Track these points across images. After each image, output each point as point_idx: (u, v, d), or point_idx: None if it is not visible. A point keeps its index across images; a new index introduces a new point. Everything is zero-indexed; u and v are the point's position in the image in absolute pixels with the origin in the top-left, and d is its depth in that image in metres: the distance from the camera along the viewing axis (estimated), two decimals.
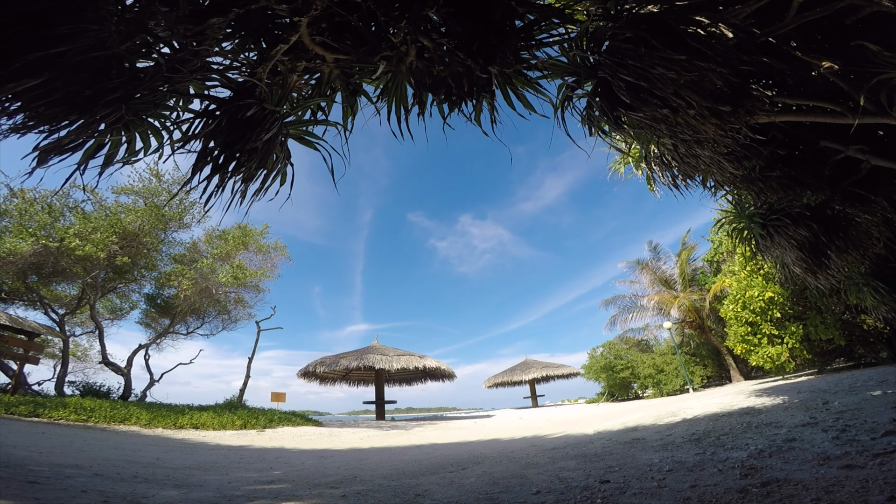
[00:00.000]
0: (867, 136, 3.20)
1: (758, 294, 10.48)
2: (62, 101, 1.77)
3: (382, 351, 17.75)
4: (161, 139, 2.31)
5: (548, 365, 24.31)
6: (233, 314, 17.82)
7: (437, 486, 2.88)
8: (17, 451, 3.92)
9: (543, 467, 3.28)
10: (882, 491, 1.73)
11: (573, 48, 2.49)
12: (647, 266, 20.69)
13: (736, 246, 9.98)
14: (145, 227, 13.59)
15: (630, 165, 5.17)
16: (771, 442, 3.07)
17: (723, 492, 2.01)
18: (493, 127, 2.62)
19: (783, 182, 3.80)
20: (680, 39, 2.12)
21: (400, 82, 2.57)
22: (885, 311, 5.75)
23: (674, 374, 17.06)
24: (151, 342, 16.54)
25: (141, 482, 3.04)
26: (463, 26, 2.10)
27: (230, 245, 15.49)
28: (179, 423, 8.48)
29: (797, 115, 3.09)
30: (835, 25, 2.53)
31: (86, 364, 19.11)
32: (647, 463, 2.96)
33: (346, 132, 2.69)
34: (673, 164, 3.43)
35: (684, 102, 2.23)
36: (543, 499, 2.28)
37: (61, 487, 2.51)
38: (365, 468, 4.17)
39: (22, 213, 11.80)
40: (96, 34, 1.68)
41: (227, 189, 2.33)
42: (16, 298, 13.80)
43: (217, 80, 2.29)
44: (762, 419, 4.23)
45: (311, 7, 1.95)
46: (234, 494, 2.73)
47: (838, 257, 3.98)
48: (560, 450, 4.27)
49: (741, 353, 11.26)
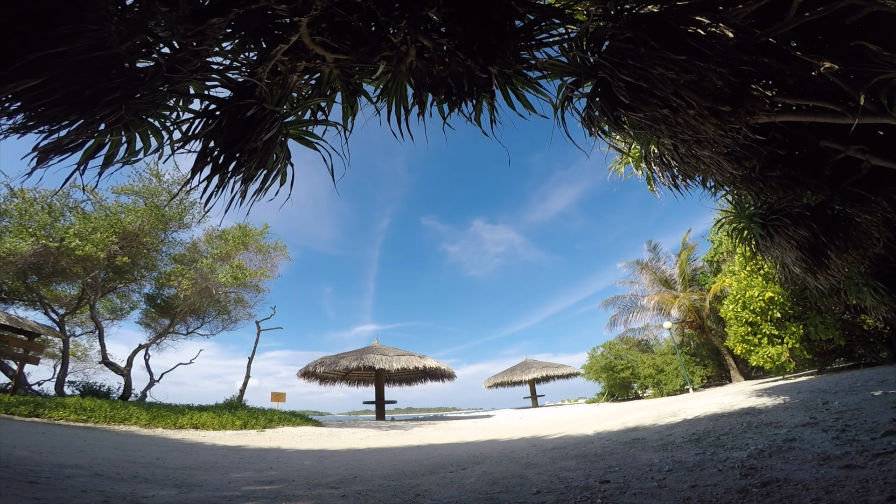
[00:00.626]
0: (867, 136, 3.20)
1: (758, 294, 10.48)
2: (62, 101, 1.77)
3: (382, 351, 17.75)
4: (161, 139, 2.31)
5: (548, 365, 24.30)
6: (233, 314, 17.83)
7: (437, 486, 2.88)
8: (17, 451, 3.92)
9: (543, 467, 3.28)
10: (882, 491, 1.73)
11: (573, 48, 2.49)
12: (647, 266, 20.71)
13: (736, 246, 9.97)
14: (145, 227, 13.59)
15: (630, 165, 5.17)
16: (771, 442, 3.07)
17: (723, 492, 2.01)
18: (492, 127, 2.61)
19: (783, 182, 3.80)
20: (680, 39, 2.12)
21: (400, 82, 2.57)
22: (885, 311, 5.74)
23: (674, 374, 17.06)
24: (151, 342, 16.54)
25: (141, 482, 3.04)
26: (463, 26, 2.10)
27: (230, 245, 15.50)
28: (179, 424, 8.48)
29: (797, 115, 3.09)
30: (835, 25, 2.53)
31: (86, 364, 19.14)
32: (647, 463, 2.96)
33: (346, 132, 2.69)
34: (673, 164, 3.43)
35: (684, 102, 2.23)
36: (543, 499, 2.28)
37: (61, 487, 2.51)
38: (365, 468, 4.17)
39: (22, 213, 11.80)
40: (96, 34, 1.68)
41: (227, 189, 2.33)
42: (16, 298, 13.80)
43: (217, 80, 2.29)
44: (762, 419, 4.23)
45: (311, 7, 1.95)
46: (233, 494, 2.73)
47: (838, 257, 3.98)
48: (560, 450, 4.27)
49: (741, 353, 11.26)
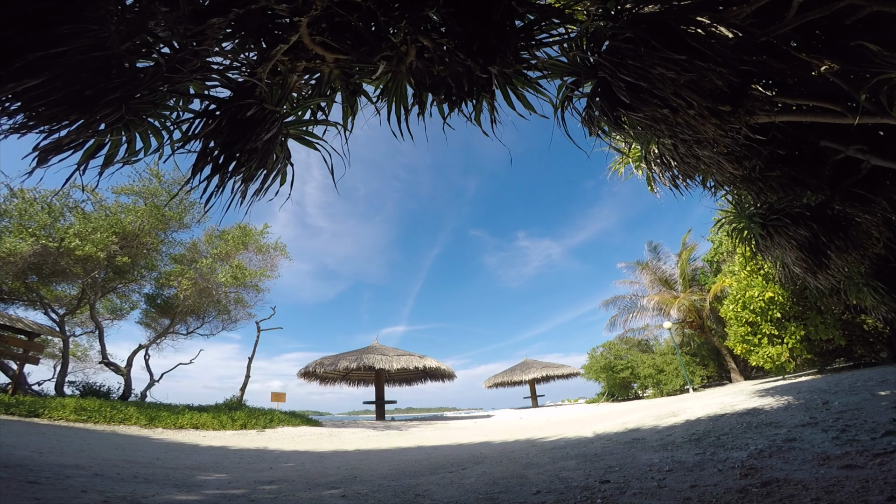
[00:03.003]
0: (867, 136, 3.20)
1: (758, 294, 10.47)
2: (62, 101, 1.77)
3: (382, 351, 17.74)
4: (161, 139, 2.31)
5: (548, 365, 24.29)
6: (233, 314, 17.81)
7: (437, 486, 2.88)
8: (17, 451, 3.91)
9: (543, 467, 3.28)
10: (882, 491, 1.73)
11: (573, 48, 2.49)
12: (647, 266, 20.71)
13: (736, 246, 9.95)
14: (145, 227, 13.57)
15: (630, 165, 5.18)
16: (771, 442, 3.07)
17: (723, 492, 2.01)
18: (492, 127, 2.61)
19: (783, 182, 3.80)
20: (680, 39, 2.12)
21: (400, 82, 2.57)
22: (885, 311, 5.74)
23: (674, 375, 17.05)
24: (151, 342, 16.52)
25: (141, 482, 3.04)
26: (463, 26, 2.10)
27: (230, 245, 15.48)
28: (179, 423, 8.48)
29: (797, 115, 3.09)
30: (835, 25, 2.53)
31: (86, 364, 19.10)
32: (647, 463, 2.96)
33: (346, 132, 2.69)
34: (673, 164, 3.43)
35: (684, 102, 2.23)
36: (543, 499, 2.28)
37: (61, 487, 2.51)
38: (365, 468, 4.17)
39: (22, 213, 11.78)
40: (96, 34, 1.68)
41: (227, 189, 2.33)
42: (16, 298, 13.78)
43: (217, 80, 2.29)
44: (762, 419, 4.23)
45: (311, 7, 1.95)
46: (234, 494, 2.73)
47: (838, 257, 3.97)
48: (560, 450, 4.27)
49: (741, 353, 11.26)
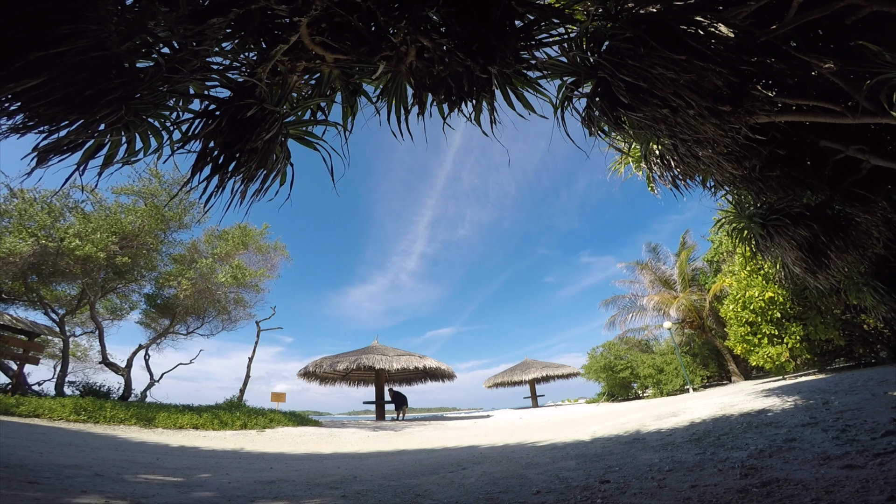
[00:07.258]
0: (867, 136, 3.20)
1: (758, 294, 10.48)
2: (62, 102, 1.77)
3: (382, 351, 17.74)
4: (161, 139, 2.31)
5: (547, 365, 24.28)
6: (233, 314, 17.81)
7: (437, 486, 2.88)
8: (17, 451, 3.91)
9: (543, 467, 3.28)
10: (882, 491, 1.73)
11: (573, 48, 2.49)
12: (647, 266, 20.72)
13: (736, 246, 9.96)
14: (145, 227, 13.57)
15: (630, 165, 5.18)
16: (771, 442, 3.07)
17: (723, 492, 2.01)
18: (492, 127, 2.61)
19: (783, 182, 3.80)
20: (679, 39, 2.12)
21: (400, 82, 2.56)
22: (885, 311, 5.74)
23: (674, 375, 17.05)
24: (151, 342, 16.51)
25: (141, 482, 3.04)
26: (463, 26, 2.10)
27: (230, 245, 15.48)
28: (179, 424, 8.47)
29: (797, 115, 3.09)
30: (835, 25, 2.53)
31: (86, 364, 19.11)
32: (647, 463, 2.96)
33: (346, 132, 2.69)
34: (673, 164, 3.43)
35: (684, 102, 2.23)
36: (543, 499, 2.28)
37: (61, 487, 2.51)
38: (365, 468, 4.17)
39: (22, 213, 11.78)
40: (96, 34, 1.68)
41: (227, 189, 2.33)
42: (16, 298, 13.78)
43: (217, 80, 2.29)
44: (762, 419, 4.23)
45: (311, 7, 1.95)
46: (234, 494, 2.73)
47: (838, 257, 3.97)
48: (560, 450, 4.27)
49: (741, 353, 11.26)
